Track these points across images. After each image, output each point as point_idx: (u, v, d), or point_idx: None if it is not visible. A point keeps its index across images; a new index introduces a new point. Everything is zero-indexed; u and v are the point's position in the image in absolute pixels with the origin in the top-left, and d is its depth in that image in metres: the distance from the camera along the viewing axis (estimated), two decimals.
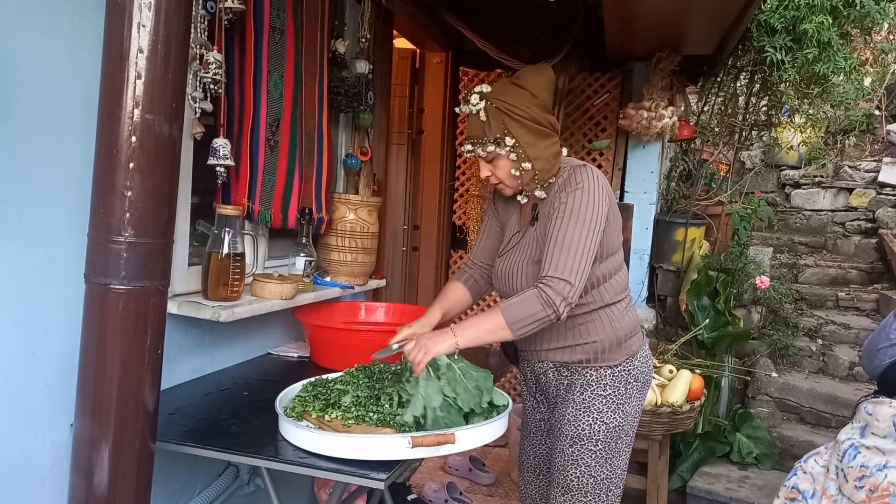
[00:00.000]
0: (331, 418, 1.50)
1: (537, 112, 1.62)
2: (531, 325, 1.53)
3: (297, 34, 2.08)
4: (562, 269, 1.53)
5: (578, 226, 1.56)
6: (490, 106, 1.61)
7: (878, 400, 1.93)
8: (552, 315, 1.52)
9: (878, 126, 6.06)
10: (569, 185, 1.63)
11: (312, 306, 2.19)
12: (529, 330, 1.53)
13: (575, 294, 1.53)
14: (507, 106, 1.60)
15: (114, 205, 1.17)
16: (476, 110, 1.62)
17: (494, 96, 1.61)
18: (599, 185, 1.62)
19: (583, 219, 1.57)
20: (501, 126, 1.61)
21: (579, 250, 1.54)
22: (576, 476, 1.68)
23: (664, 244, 3.68)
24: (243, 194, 1.93)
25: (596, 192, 1.60)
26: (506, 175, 1.67)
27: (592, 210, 1.58)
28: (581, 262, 1.54)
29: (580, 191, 1.60)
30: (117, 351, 1.20)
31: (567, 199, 1.60)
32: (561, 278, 1.52)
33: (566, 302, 1.52)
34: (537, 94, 1.63)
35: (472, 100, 1.63)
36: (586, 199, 1.59)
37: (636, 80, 3.45)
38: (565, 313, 1.53)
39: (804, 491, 2.01)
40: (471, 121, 1.65)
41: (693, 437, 3.31)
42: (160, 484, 1.63)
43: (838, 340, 4.05)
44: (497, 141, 1.61)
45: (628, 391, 1.70)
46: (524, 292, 1.55)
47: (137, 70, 1.15)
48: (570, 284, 1.52)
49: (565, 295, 1.51)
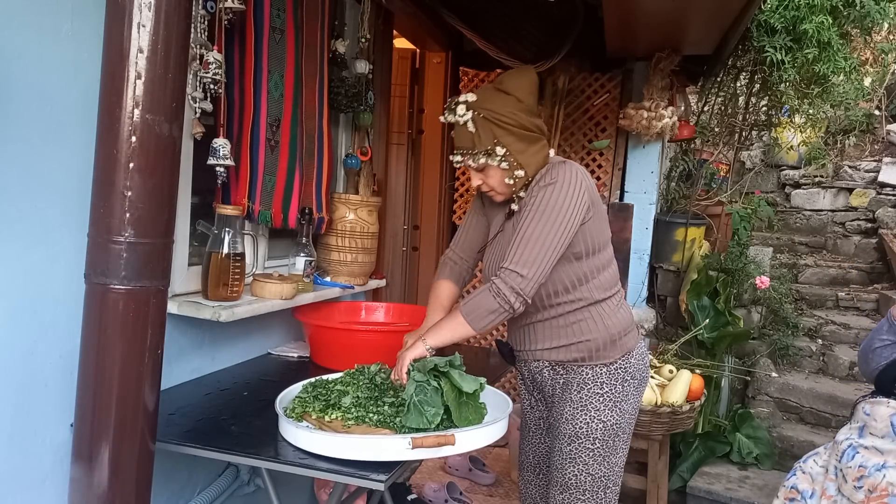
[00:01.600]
0: (331, 419, 1.50)
1: (524, 118, 1.62)
2: (486, 317, 1.55)
3: (298, 34, 2.08)
4: (516, 262, 1.55)
5: (543, 220, 1.57)
6: (478, 116, 1.60)
7: (876, 400, 1.93)
8: (505, 305, 1.54)
9: (878, 126, 6.06)
10: (543, 180, 1.63)
11: (312, 306, 2.19)
12: (487, 323, 1.56)
13: (529, 286, 1.54)
14: (495, 115, 1.59)
15: (114, 205, 1.16)
16: (463, 121, 1.61)
17: (480, 105, 1.60)
18: (576, 182, 1.60)
19: (549, 214, 1.57)
20: (491, 136, 1.60)
21: (539, 244, 1.55)
22: (574, 474, 1.69)
23: (664, 244, 3.68)
24: (243, 194, 1.93)
25: (570, 189, 1.59)
26: (498, 183, 1.67)
27: (563, 206, 1.58)
28: (539, 256, 1.55)
29: (552, 186, 1.60)
30: (117, 351, 1.19)
31: (538, 194, 1.61)
32: (513, 270, 1.54)
33: (516, 293, 1.53)
34: (522, 99, 1.62)
35: (459, 110, 1.61)
36: (557, 195, 1.58)
37: (636, 80, 3.45)
38: (519, 304, 1.55)
39: (803, 491, 2.01)
40: (459, 131, 1.64)
41: (693, 437, 3.31)
42: (160, 484, 1.63)
43: (838, 340, 4.05)
44: (488, 152, 1.61)
45: (625, 389, 1.70)
46: (480, 287, 1.59)
47: (137, 70, 1.15)
48: (522, 276, 1.53)
49: (515, 285, 1.53)
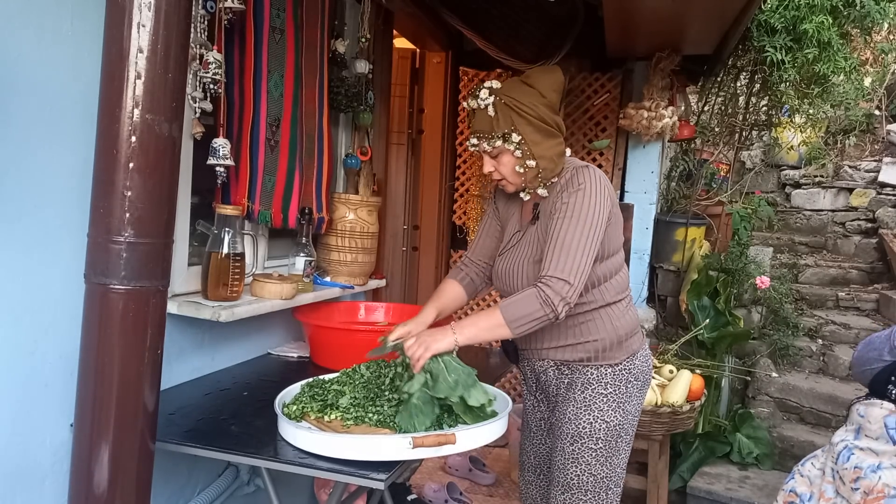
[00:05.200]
0: (330, 419, 1.50)
1: (545, 111, 1.63)
2: (530, 323, 1.54)
3: (297, 34, 2.08)
4: (561, 269, 1.53)
5: (579, 226, 1.57)
6: (499, 101, 1.62)
7: (870, 402, 1.93)
8: (550, 314, 1.53)
9: (878, 126, 6.05)
10: (571, 185, 1.64)
11: (312, 306, 2.18)
12: (528, 328, 1.54)
13: (574, 294, 1.54)
14: (516, 103, 1.61)
15: (114, 205, 1.16)
16: (485, 105, 1.63)
17: (504, 92, 1.63)
18: (601, 186, 1.63)
19: (584, 220, 1.58)
20: (509, 122, 1.62)
21: (579, 251, 1.55)
22: (576, 474, 1.68)
23: (664, 244, 3.68)
24: (243, 194, 1.93)
25: (597, 194, 1.61)
26: (509, 171, 1.68)
27: (593, 211, 1.59)
28: (580, 263, 1.55)
29: (582, 191, 1.61)
30: (117, 351, 1.19)
31: (569, 200, 1.61)
32: (560, 278, 1.53)
33: (564, 301, 1.53)
34: (546, 94, 1.64)
35: (482, 94, 1.63)
36: (588, 200, 1.60)
37: (636, 80, 3.45)
38: (564, 313, 1.54)
39: (802, 494, 2.00)
40: (478, 115, 1.66)
41: (693, 437, 3.31)
42: (160, 484, 1.63)
43: (838, 340, 4.05)
44: (504, 136, 1.63)
45: (629, 390, 1.71)
46: (523, 291, 1.56)
47: (137, 70, 1.15)
48: (569, 284, 1.53)
49: (564, 294, 1.52)
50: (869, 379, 1.98)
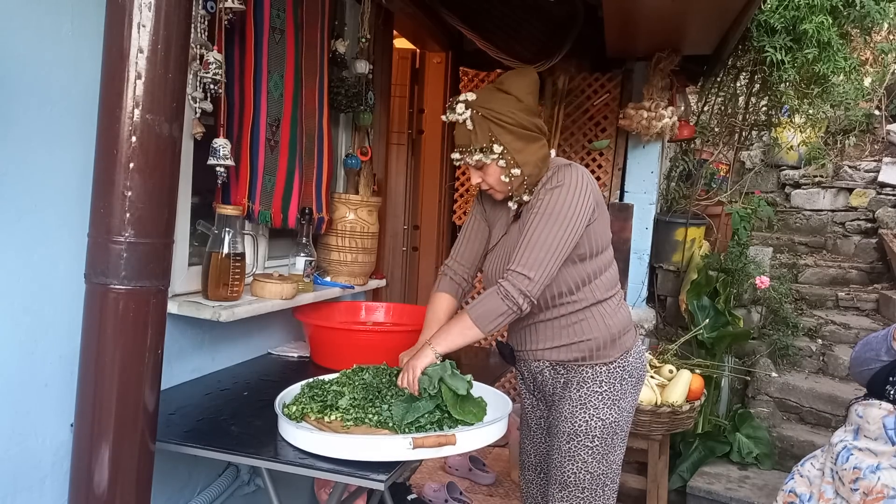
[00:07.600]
0: (330, 420, 1.50)
1: (523, 117, 1.63)
2: (496, 319, 1.57)
3: (297, 34, 2.08)
4: (524, 264, 1.56)
5: (550, 223, 1.59)
6: (476, 114, 1.62)
7: (868, 402, 1.93)
8: (513, 307, 1.56)
9: (878, 126, 6.05)
10: (550, 183, 1.65)
11: (312, 306, 2.18)
12: (497, 324, 1.58)
13: (535, 288, 1.56)
14: (493, 114, 1.61)
15: (114, 205, 1.16)
16: (462, 119, 1.63)
17: (479, 104, 1.62)
18: (582, 185, 1.62)
19: (556, 216, 1.59)
20: (488, 134, 1.62)
21: (545, 247, 1.57)
22: (573, 472, 1.70)
23: (664, 244, 3.68)
24: (243, 194, 1.93)
25: (575, 192, 1.61)
26: (496, 181, 1.68)
27: (570, 209, 1.60)
28: (546, 259, 1.57)
29: (559, 189, 1.61)
30: (117, 351, 1.19)
31: (545, 197, 1.62)
32: (520, 272, 1.56)
33: (524, 295, 1.55)
34: (522, 99, 1.64)
35: (458, 109, 1.63)
36: (563, 198, 1.60)
37: (636, 80, 3.45)
38: (526, 305, 1.57)
39: (801, 495, 2.00)
40: (458, 129, 1.66)
41: (693, 437, 3.31)
42: (160, 484, 1.63)
43: (838, 340, 4.05)
44: (484, 150, 1.63)
45: (623, 387, 1.72)
46: (486, 291, 1.60)
47: (137, 70, 1.15)
48: (529, 279, 1.55)
49: (523, 288, 1.55)
50: (867, 379, 1.98)
